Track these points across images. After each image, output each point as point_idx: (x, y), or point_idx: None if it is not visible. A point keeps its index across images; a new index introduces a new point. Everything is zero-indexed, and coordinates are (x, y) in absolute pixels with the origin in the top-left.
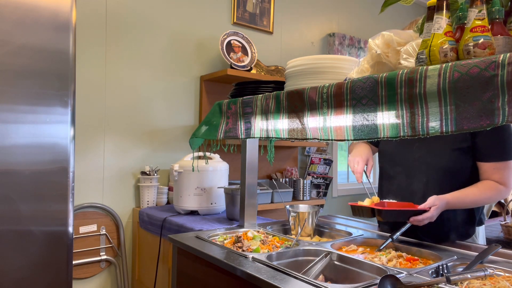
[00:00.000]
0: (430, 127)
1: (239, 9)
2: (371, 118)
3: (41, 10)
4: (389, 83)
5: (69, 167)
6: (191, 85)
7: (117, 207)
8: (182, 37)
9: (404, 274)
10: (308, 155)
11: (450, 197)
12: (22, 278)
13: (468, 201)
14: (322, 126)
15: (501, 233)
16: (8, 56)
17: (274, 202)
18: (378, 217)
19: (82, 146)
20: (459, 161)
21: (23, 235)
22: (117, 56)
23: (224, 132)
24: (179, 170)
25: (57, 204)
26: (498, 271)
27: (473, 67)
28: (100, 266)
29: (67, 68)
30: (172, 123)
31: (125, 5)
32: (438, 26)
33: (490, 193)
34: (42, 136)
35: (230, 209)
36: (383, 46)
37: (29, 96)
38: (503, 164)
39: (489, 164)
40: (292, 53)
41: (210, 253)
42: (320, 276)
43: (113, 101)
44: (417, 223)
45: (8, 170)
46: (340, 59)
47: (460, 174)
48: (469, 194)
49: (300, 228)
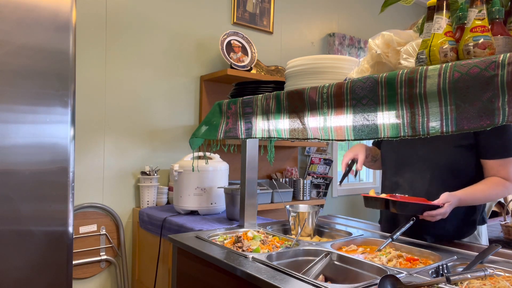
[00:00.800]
0: (430, 127)
1: (239, 9)
2: (371, 118)
3: (41, 10)
4: (389, 83)
5: (69, 167)
6: (191, 85)
7: (117, 207)
8: (182, 37)
9: (404, 274)
10: (308, 155)
11: (461, 193)
12: (22, 278)
13: (478, 198)
14: (322, 126)
15: (501, 233)
16: (8, 56)
17: (274, 202)
18: (392, 209)
19: (82, 146)
20: (463, 159)
21: (23, 235)
22: (117, 56)
23: (224, 132)
24: (179, 170)
25: (57, 204)
26: (498, 271)
27: (473, 67)
28: (100, 266)
29: (67, 68)
30: (172, 123)
31: (125, 5)
32: (438, 26)
33: (498, 189)
34: (42, 136)
35: (230, 209)
36: (383, 46)
37: (29, 96)
38: (507, 161)
39: (494, 161)
40: (292, 53)
41: (210, 253)
42: (320, 276)
43: (113, 101)
44: (430, 219)
45: (8, 170)
46: (340, 59)
47: (464, 172)
48: (479, 190)
49: (300, 228)
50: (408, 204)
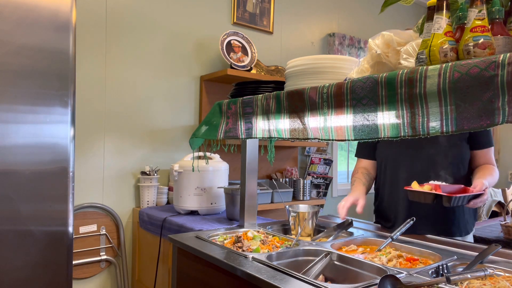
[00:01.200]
0: (430, 127)
1: (239, 9)
2: (372, 118)
3: (41, 10)
4: (389, 83)
5: (69, 167)
6: (191, 85)
7: (117, 207)
8: (182, 37)
9: (404, 274)
10: (308, 155)
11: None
12: (22, 278)
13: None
14: (322, 126)
15: (501, 233)
16: (8, 56)
17: (274, 202)
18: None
19: (82, 146)
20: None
21: (23, 235)
22: (117, 56)
23: (224, 132)
24: (179, 170)
25: (57, 204)
26: (498, 271)
27: (473, 67)
28: (100, 266)
29: (67, 68)
30: (172, 123)
31: (125, 5)
32: (438, 26)
33: (496, 174)
34: (42, 136)
35: (230, 209)
36: (383, 46)
37: (29, 96)
38: (491, 149)
39: (484, 150)
40: (292, 53)
41: (210, 253)
42: (320, 276)
43: (113, 101)
44: (473, 206)
45: (8, 170)
46: (340, 59)
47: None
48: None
49: (300, 228)
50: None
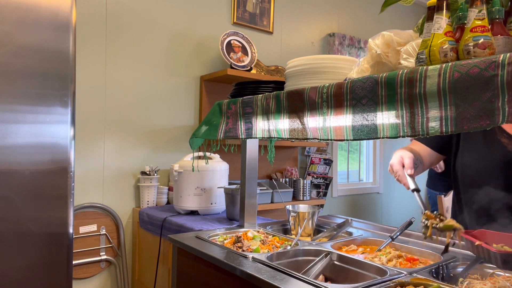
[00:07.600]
0: (430, 127)
1: (239, 9)
2: (371, 118)
3: (41, 10)
4: (389, 83)
5: (69, 167)
6: (191, 85)
7: (117, 207)
8: (182, 37)
9: (404, 274)
10: (308, 155)
11: None
12: (22, 278)
13: None
14: (321, 126)
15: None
16: (8, 56)
17: (274, 202)
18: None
19: (82, 146)
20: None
21: (23, 235)
22: (117, 56)
23: (224, 132)
24: (179, 170)
25: (57, 204)
26: (498, 271)
27: (473, 67)
28: (100, 266)
29: (67, 68)
30: (172, 123)
31: (125, 5)
32: (438, 26)
33: None
34: (42, 136)
35: (230, 209)
36: (383, 46)
37: (29, 96)
38: None
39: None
40: (292, 53)
41: (210, 253)
42: (320, 276)
43: (113, 101)
44: None
45: (8, 170)
46: (340, 59)
47: None
48: None
49: (300, 228)
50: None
